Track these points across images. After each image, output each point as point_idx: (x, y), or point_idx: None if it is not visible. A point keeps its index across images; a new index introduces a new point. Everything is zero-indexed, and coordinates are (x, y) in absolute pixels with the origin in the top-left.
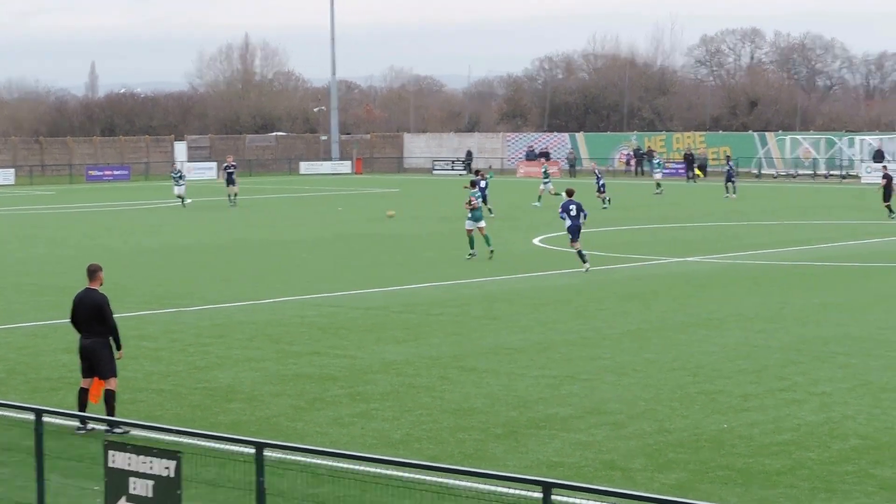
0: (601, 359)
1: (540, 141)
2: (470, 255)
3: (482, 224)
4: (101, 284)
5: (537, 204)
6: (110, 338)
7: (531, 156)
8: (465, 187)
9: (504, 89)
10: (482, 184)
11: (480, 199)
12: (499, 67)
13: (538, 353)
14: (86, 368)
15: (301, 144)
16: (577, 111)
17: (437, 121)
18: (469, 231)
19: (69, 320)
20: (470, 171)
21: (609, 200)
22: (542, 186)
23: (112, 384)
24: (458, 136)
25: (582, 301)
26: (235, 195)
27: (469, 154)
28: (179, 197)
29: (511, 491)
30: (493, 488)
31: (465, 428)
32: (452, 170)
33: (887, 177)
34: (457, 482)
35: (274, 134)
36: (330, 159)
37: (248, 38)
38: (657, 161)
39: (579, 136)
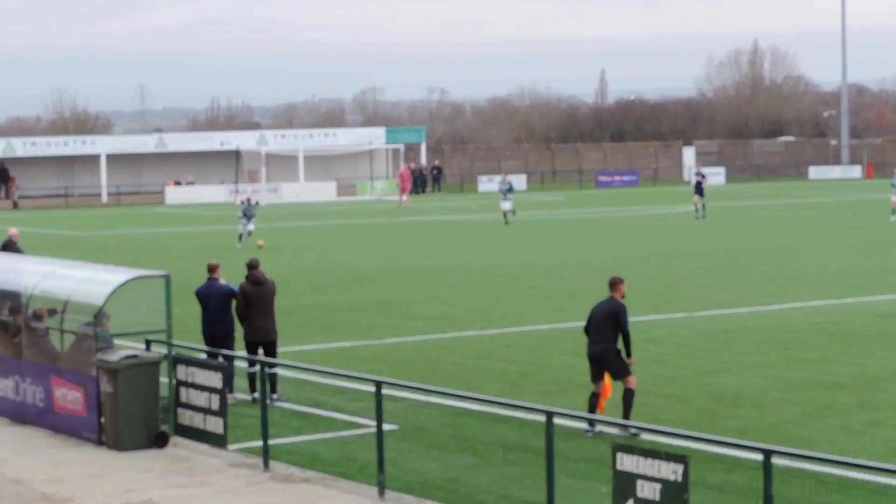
0: None
1: None
2: None
3: None
4: (622, 296)
5: None
6: (618, 344)
7: None
8: None
9: None
10: None
11: None
12: None
13: None
14: (596, 374)
15: (810, 149)
16: None
17: None
18: None
19: (583, 328)
20: None
21: None
22: None
23: (631, 383)
24: None
25: None
26: (703, 206)
27: None
28: (505, 213)
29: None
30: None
31: None
32: None
33: None
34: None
35: (783, 139)
36: (840, 164)
37: (756, 43)
38: None
39: None
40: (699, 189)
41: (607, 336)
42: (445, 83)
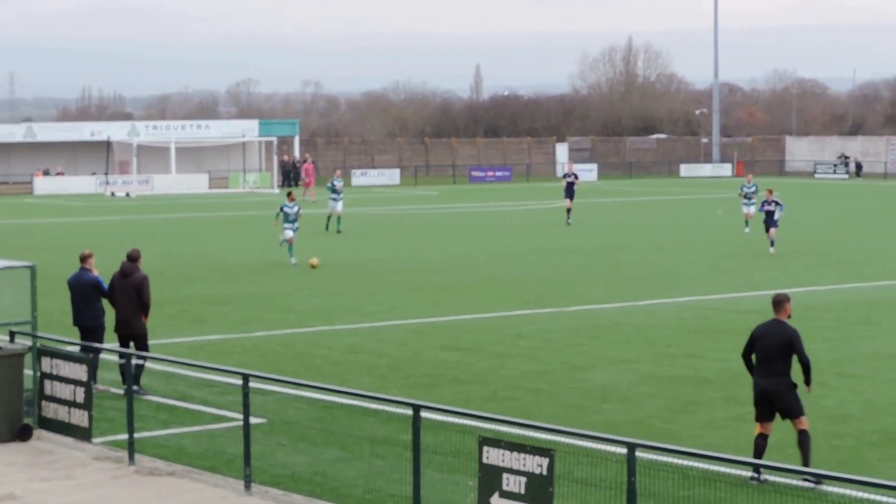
0: None
1: None
2: None
3: None
4: (788, 316)
5: None
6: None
7: None
8: None
9: (889, 92)
10: None
11: None
12: (885, 70)
13: None
14: (765, 412)
15: (681, 147)
16: None
17: (819, 124)
18: None
19: (742, 354)
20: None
21: None
22: None
23: (804, 423)
24: (840, 140)
25: None
26: (569, 211)
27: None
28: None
29: (886, 499)
30: (866, 495)
31: (840, 434)
32: (835, 174)
33: None
34: (831, 488)
35: (655, 136)
36: (711, 162)
37: (631, 41)
38: None
39: None
40: (570, 191)
41: (781, 368)
42: (320, 76)
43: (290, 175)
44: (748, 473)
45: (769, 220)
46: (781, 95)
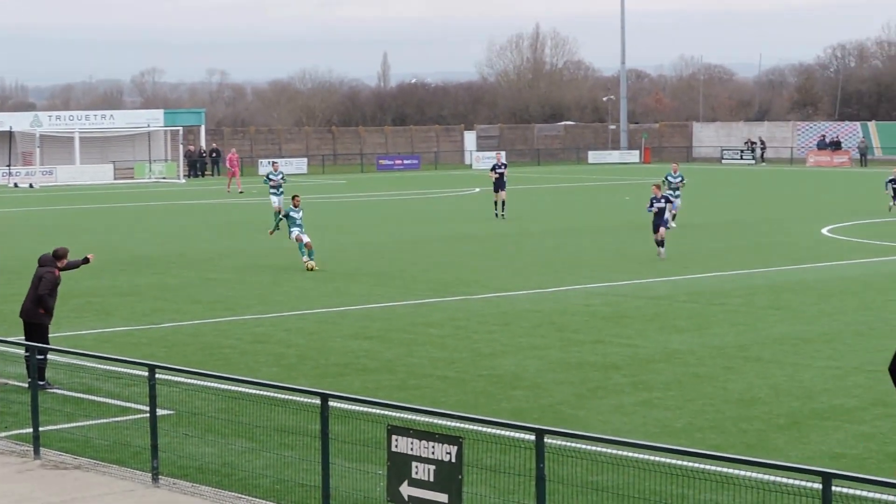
0: (887, 350)
1: (831, 130)
2: None
3: None
4: None
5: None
6: None
7: (822, 145)
8: None
9: (795, 77)
10: None
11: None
12: (790, 55)
13: (824, 343)
14: None
15: (589, 133)
16: (870, 99)
17: (726, 109)
18: None
19: (889, 368)
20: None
21: None
22: None
23: None
24: (747, 125)
25: (870, 292)
26: (503, 203)
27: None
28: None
29: (791, 482)
30: (773, 478)
31: (747, 418)
32: (741, 159)
33: None
34: (738, 472)
35: (563, 123)
36: (618, 148)
37: (538, 28)
38: None
39: (871, 124)
40: (501, 183)
41: None
42: (226, 65)
43: (196, 165)
44: (656, 458)
45: (658, 220)
46: (688, 81)
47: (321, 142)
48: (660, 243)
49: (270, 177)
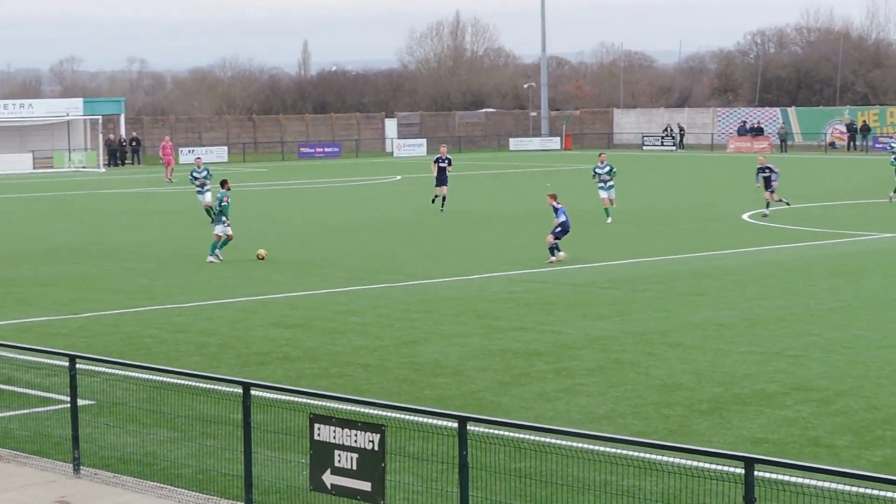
0: (809, 335)
1: (751, 116)
2: None
3: None
4: None
5: None
6: None
7: (742, 131)
8: None
9: (715, 64)
10: None
11: None
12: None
13: (745, 328)
14: None
15: (510, 121)
16: (790, 85)
17: (646, 96)
18: None
19: None
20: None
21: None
22: None
23: None
24: (667, 112)
25: (790, 277)
26: (444, 199)
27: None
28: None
29: (714, 467)
30: (696, 464)
31: (669, 404)
32: (662, 145)
33: None
34: (660, 457)
35: (484, 110)
36: (539, 135)
37: (458, 15)
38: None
39: (791, 110)
40: (443, 176)
41: None
42: (146, 54)
43: (116, 154)
44: (579, 445)
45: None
46: (609, 68)
47: (242, 130)
48: (552, 250)
49: (194, 174)
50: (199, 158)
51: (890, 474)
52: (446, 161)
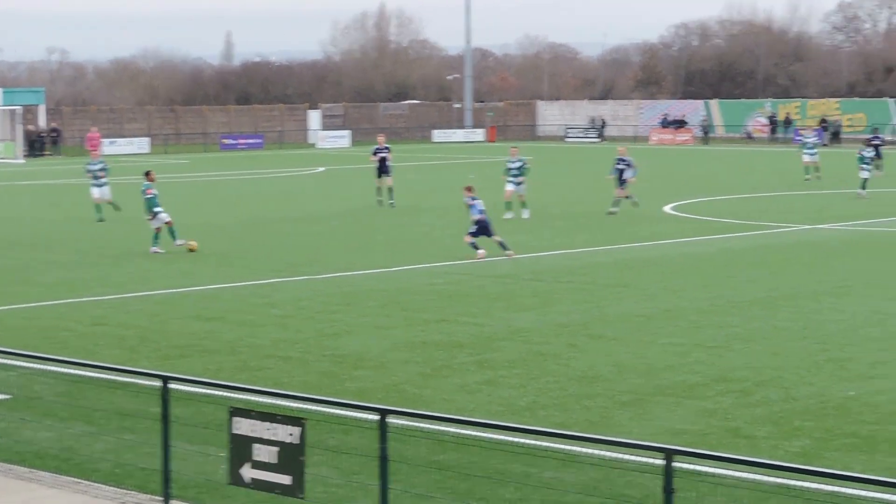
0: (729, 327)
1: (674, 108)
2: None
3: None
4: None
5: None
6: None
7: (665, 123)
8: None
9: (639, 56)
10: None
11: None
12: (634, 34)
13: (666, 320)
14: None
15: (434, 112)
16: (712, 78)
17: (570, 88)
18: None
19: None
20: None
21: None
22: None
23: None
24: (591, 104)
25: (711, 269)
26: (391, 190)
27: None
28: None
29: (634, 458)
30: (616, 455)
31: (591, 395)
32: (585, 138)
33: None
34: (581, 449)
35: (407, 102)
36: (463, 127)
37: (383, 6)
38: (810, 144)
39: (713, 103)
40: (385, 167)
41: None
42: (67, 44)
43: (35, 144)
44: (501, 437)
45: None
46: (533, 60)
47: (164, 121)
48: (471, 245)
49: (88, 167)
50: (94, 151)
51: (808, 465)
52: (385, 150)
